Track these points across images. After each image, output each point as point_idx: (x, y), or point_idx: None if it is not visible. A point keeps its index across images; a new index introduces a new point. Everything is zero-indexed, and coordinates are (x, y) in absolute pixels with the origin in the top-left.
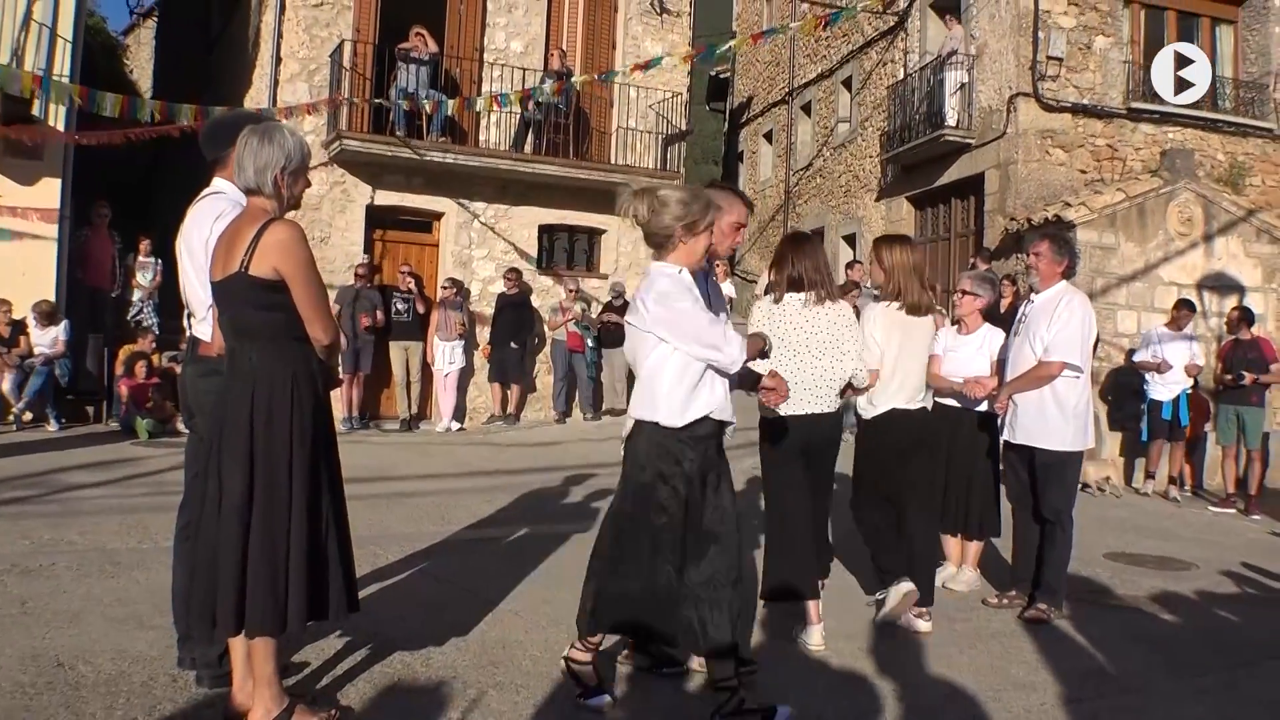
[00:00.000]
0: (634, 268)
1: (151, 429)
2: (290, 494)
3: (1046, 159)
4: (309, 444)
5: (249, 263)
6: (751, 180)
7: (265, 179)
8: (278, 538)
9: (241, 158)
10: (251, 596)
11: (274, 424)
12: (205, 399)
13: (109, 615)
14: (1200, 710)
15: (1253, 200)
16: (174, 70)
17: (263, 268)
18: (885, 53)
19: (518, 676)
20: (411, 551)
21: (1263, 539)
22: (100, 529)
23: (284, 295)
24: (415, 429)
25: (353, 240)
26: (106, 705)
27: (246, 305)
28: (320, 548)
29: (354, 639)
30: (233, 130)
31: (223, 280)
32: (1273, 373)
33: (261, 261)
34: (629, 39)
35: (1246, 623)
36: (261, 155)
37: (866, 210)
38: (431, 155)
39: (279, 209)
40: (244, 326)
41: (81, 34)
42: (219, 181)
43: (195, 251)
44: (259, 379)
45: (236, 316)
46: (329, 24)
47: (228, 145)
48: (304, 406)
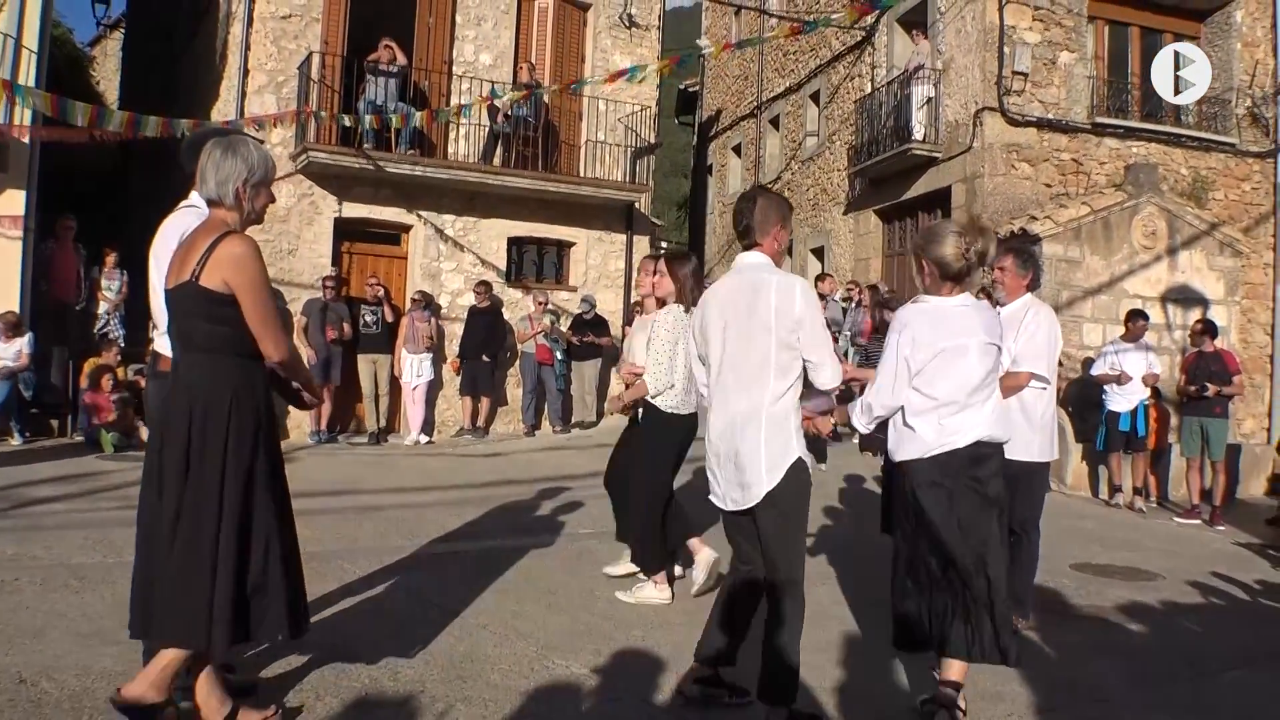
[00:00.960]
0: (602, 280)
1: (116, 442)
2: (220, 511)
3: (1012, 173)
4: (246, 463)
5: (200, 273)
6: (720, 193)
7: (226, 190)
8: (203, 554)
9: (204, 169)
10: (168, 605)
11: (208, 440)
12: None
13: (73, 631)
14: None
15: (1215, 214)
16: (141, 82)
17: (213, 279)
18: (853, 67)
19: (485, 690)
20: (379, 565)
21: (1227, 549)
22: (64, 543)
23: (233, 309)
24: (384, 442)
25: (320, 252)
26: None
27: (194, 315)
28: (248, 568)
29: (321, 653)
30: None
31: (174, 288)
32: (1235, 384)
33: (213, 273)
34: (598, 52)
35: (1212, 633)
36: (224, 167)
37: (834, 223)
38: (400, 168)
39: (239, 221)
40: (189, 337)
41: (47, 44)
42: (195, 195)
43: (162, 263)
44: (197, 393)
45: (183, 326)
46: (297, 36)
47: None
48: (243, 425)
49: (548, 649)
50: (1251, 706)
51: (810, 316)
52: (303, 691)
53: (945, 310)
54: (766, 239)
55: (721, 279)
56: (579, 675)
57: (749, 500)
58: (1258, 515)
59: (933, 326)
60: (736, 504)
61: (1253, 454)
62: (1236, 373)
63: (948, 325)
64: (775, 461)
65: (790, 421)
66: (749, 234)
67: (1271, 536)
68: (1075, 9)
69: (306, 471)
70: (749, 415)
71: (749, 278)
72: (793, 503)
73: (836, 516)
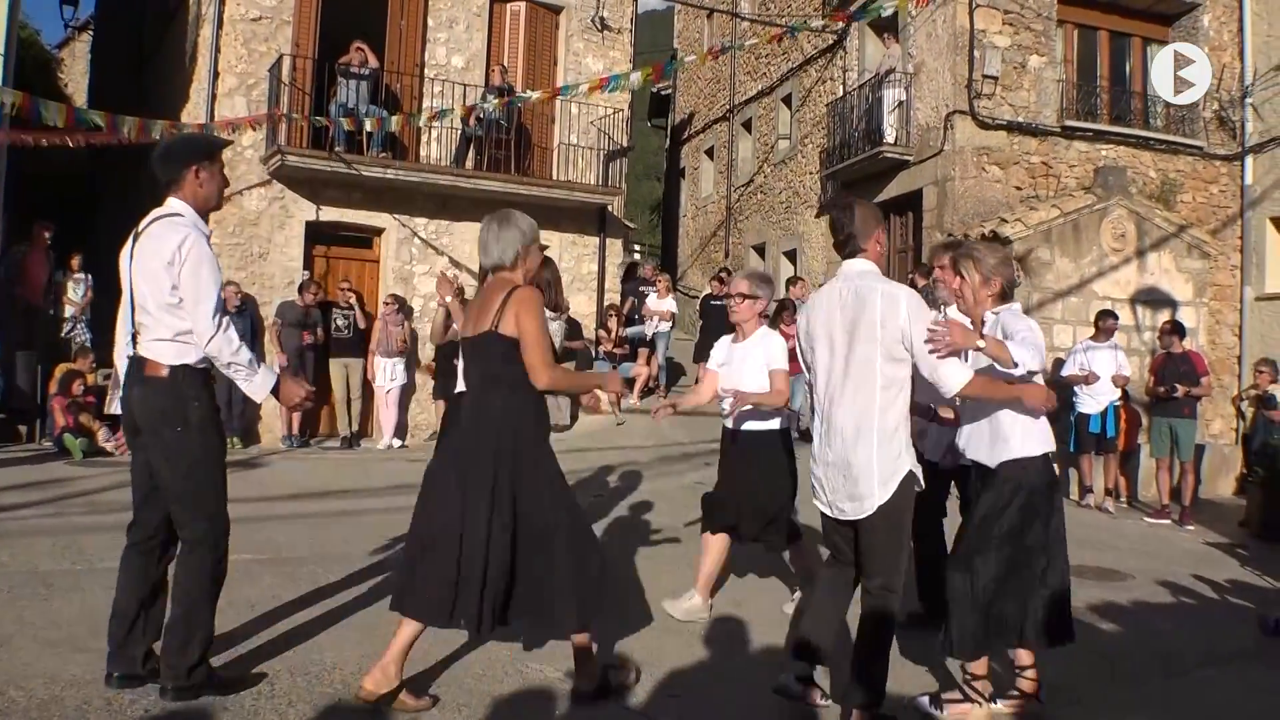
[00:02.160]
0: (576, 283)
1: (85, 448)
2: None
3: (983, 175)
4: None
5: (498, 323)
6: (693, 196)
7: (507, 255)
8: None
9: (486, 241)
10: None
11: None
12: (156, 419)
13: (42, 639)
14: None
15: (1184, 216)
16: (109, 84)
17: (508, 327)
18: (824, 70)
19: (460, 695)
20: (352, 570)
21: (1197, 549)
22: (32, 550)
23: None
24: (356, 447)
25: (292, 256)
26: None
27: (494, 359)
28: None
29: (294, 660)
30: (188, 151)
31: (475, 337)
32: (1203, 385)
33: (508, 322)
34: (570, 55)
35: (1183, 631)
36: (504, 237)
37: (807, 226)
38: (372, 171)
39: (523, 278)
40: (498, 378)
41: (14, 46)
42: (176, 203)
43: (155, 273)
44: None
45: (485, 369)
46: (268, 38)
47: (183, 167)
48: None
49: (523, 653)
50: (1223, 704)
51: (918, 329)
52: (275, 699)
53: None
54: (870, 244)
55: (827, 284)
56: (554, 679)
57: (861, 512)
58: (1227, 515)
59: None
60: (844, 514)
61: (1220, 454)
62: (1205, 374)
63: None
64: (888, 475)
65: (901, 433)
66: (851, 241)
67: (1242, 537)
68: (1044, 13)
69: (279, 476)
70: (859, 426)
71: (855, 285)
72: (902, 516)
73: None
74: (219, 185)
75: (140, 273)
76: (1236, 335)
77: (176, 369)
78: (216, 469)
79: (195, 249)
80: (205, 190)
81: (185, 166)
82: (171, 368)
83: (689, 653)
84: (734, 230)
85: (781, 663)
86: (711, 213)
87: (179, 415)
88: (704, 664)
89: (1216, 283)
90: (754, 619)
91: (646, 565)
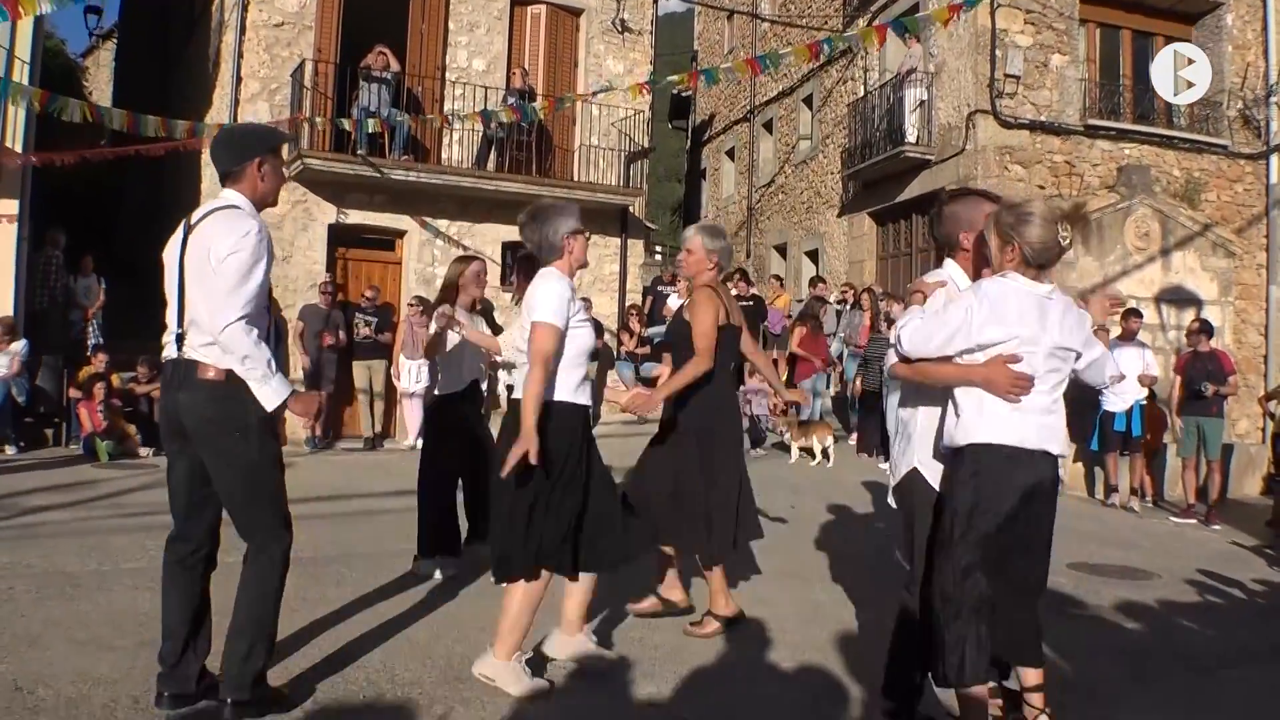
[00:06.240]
0: (598, 284)
1: (112, 450)
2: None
3: (1005, 175)
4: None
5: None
6: (714, 197)
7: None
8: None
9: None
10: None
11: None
12: (211, 426)
13: (69, 638)
14: (1163, 718)
15: (1208, 215)
16: (133, 91)
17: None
18: (845, 70)
19: (483, 692)
20: (376, 569)
21: (1223, 548)
22: (60, 551)
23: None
24: (379, 447)
25: (315, 259)
26: None
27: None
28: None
29: (318, 657)
30: (253, 142)
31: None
32: (1231, 384)
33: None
34: (590, 57)
35: (1208, 631)
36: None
37: (829, 226)
38: (394, 174)
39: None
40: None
41: (40, 55)
42: (234, 195)
43: (211, 268)
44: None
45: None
46: (290, 44)
47: (247, 158)
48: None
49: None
50: (1249, 704)
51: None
52: (300, 694)
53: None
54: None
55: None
56: (576, 675)
57: None
58: (1253, 514)
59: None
60: None
61: (1246, 453)
62: (1231, 372)
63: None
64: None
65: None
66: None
67: (1270, 537)
68: (1067, 12)
69: (302, 477)
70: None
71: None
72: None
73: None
74: (279, 181)
75: (193, 270)
76: (1262, 334)
77: (234, 373)
78: (279, 473)
79: (259, 243)
80: (266, 185)
81: (249, 158)
82: (229, 371)
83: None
84: (755, 231)
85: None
86: (733, 213)
87: (238, 420)
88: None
89: (1242, 281)
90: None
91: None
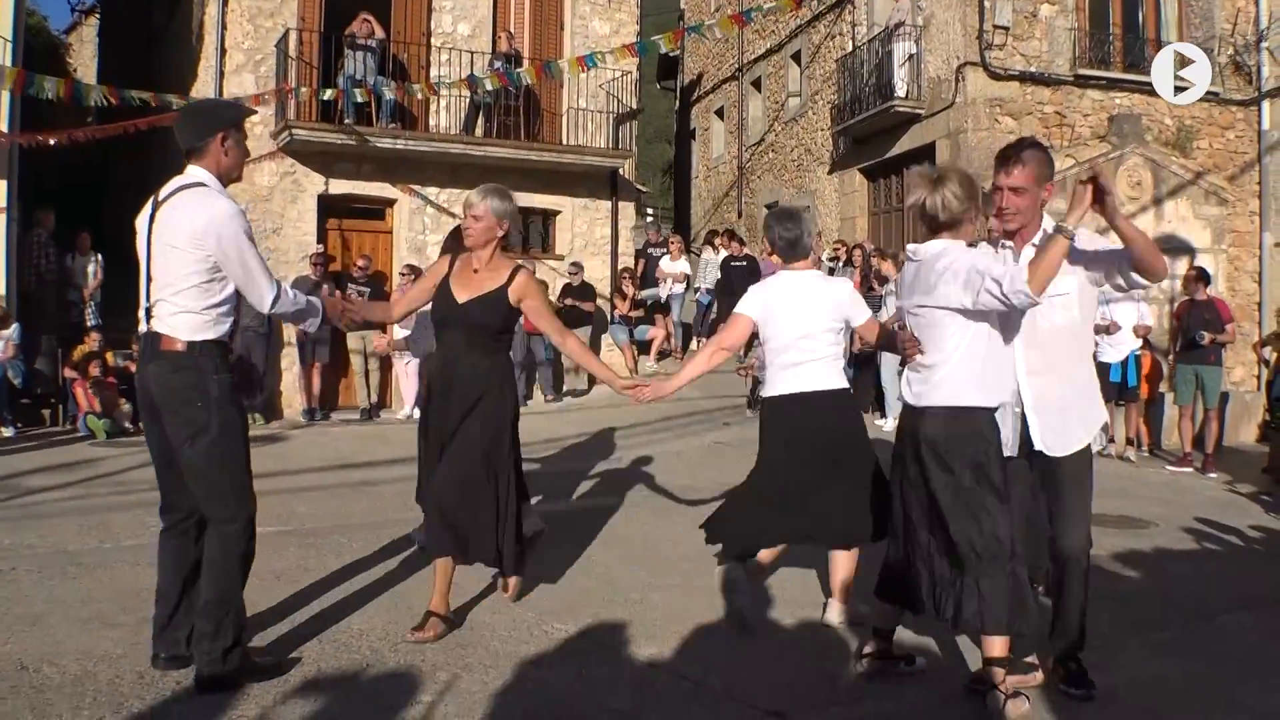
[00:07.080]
0: (589, 247)
1: (109, 429)
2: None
3: (996, 127)
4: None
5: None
6: (704, 157)
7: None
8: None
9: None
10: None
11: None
12: (174, 396)
13: (73, 616)
14: (1161, 665)
15: (1200, 163)
16: (117, 67)
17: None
18: (833, 25)
19: (486, 658)
20: (375, 539)
21: (1220, 496)
22: (61, 530)
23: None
24: (376, 418)
25: (305, 230)
26: (73, 706)
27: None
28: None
29: (320, 626)
30: (215, 118)
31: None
32: (1228, 332)
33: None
34: (576, 19)
35: (1205, 578)
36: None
37: (819, 183)
38: (382, 142)
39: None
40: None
41: (22, 32)
42: (199, 171)
43: (179, 247)
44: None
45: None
46: (273, 13)
47: (209, 134)
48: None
49: (546, 614)
50: (1246, 649)
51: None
52: (304, 665)
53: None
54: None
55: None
56: (578, 639)
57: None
58: (1249, 461)
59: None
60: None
61: (1242, 401)
62: (1229, 320)
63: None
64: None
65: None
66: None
67: (1266, 483)
68: None
69: (300, 449)
70: None
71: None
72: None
73: None
74: (242, 155)
75: (160, 246)
76: (1256, 282)
77: (194, 344)
78: (240, 445)
79: (234, 219)
80: (230, 160)
81: (212, 133)
82: (189, 343)
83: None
84: (746, 190)
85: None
86: (723, 173)
87: (199, 391)
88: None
89: (1235, 229)
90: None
91: (666, 524)
